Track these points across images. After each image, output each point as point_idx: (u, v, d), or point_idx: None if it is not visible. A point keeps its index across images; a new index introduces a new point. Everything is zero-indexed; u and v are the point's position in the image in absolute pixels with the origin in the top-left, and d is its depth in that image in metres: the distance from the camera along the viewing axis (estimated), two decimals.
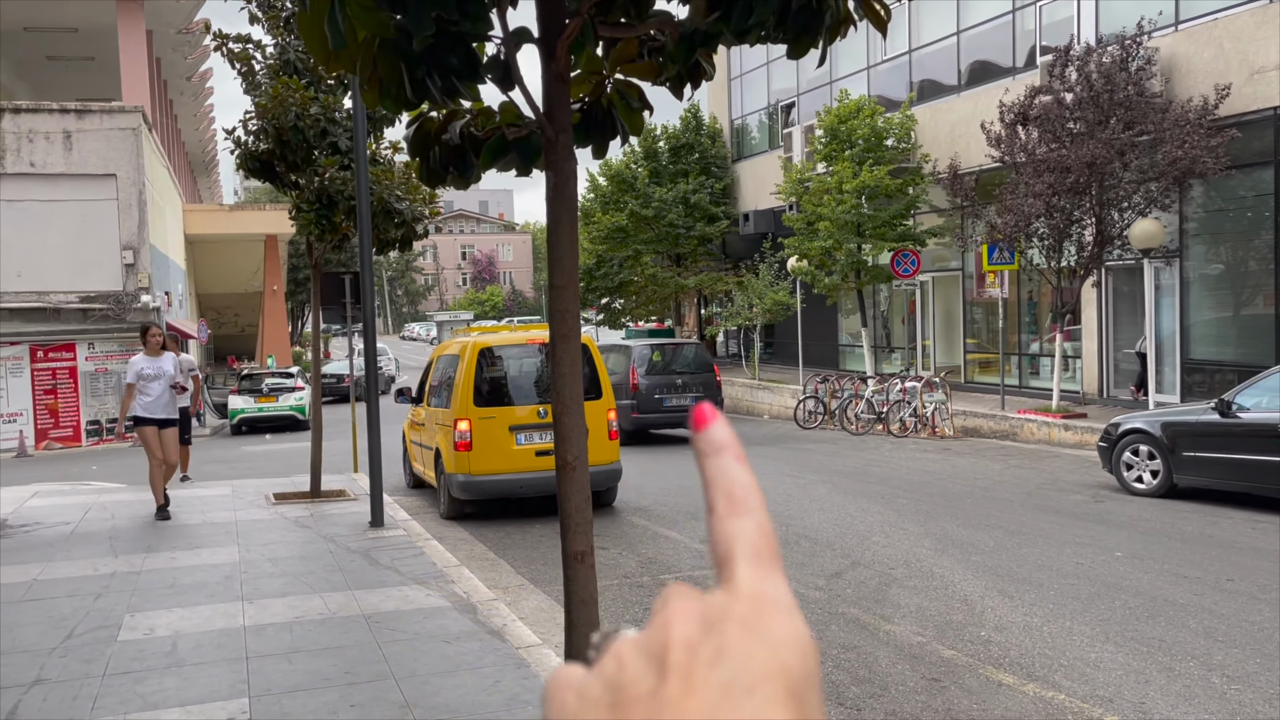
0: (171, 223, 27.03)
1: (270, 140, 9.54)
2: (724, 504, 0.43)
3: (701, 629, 0.38)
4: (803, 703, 0.37)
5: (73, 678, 5.21)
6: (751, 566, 0.41)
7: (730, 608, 0.39)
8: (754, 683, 0.37)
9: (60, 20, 24.20)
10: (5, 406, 20.59)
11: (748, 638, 0.38)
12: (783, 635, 0.38)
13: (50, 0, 22.76)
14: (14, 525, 9.45)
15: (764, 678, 0.37)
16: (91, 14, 23.68)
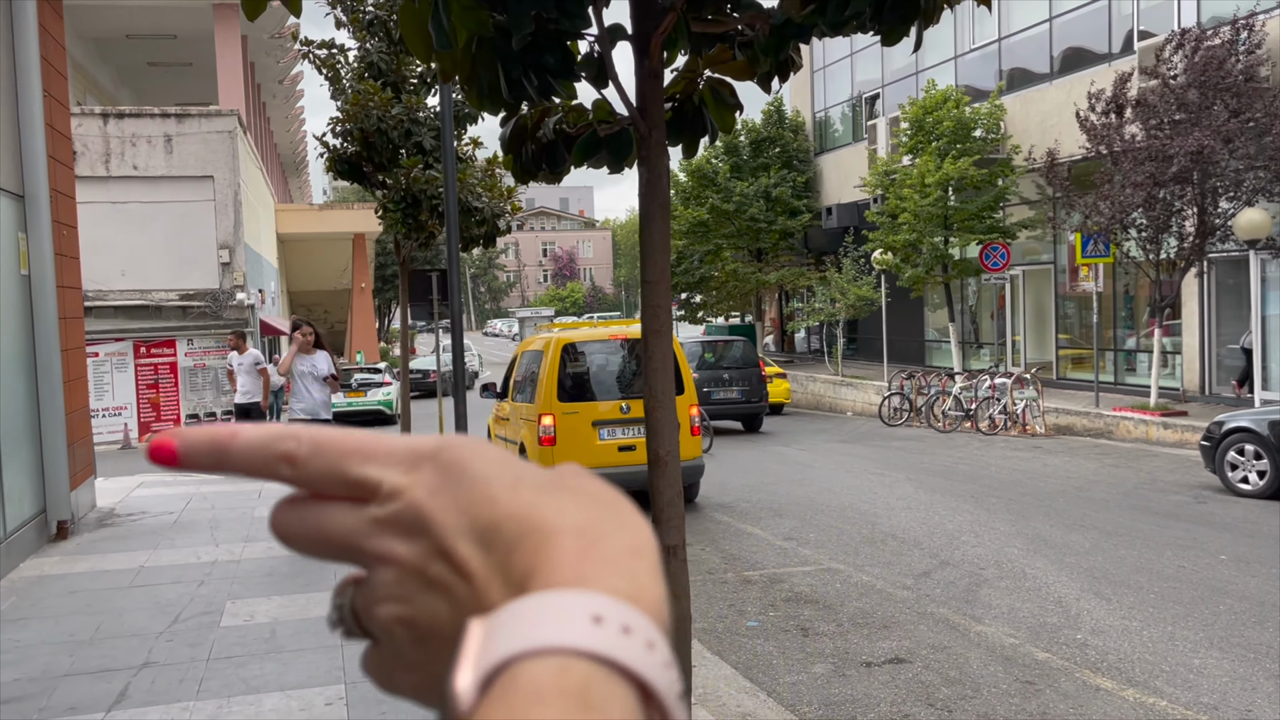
0: (264, 222, 27.86)
1: (357, 142, 9.76)
2: (285, 464, 0.45)
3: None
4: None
5: (179, 661, 5.41)
6: (367, 462, 0.43)
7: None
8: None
9: (160, 28, 25.12)
10: (111, 400, 21.47)
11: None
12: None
13: (151, 9, 23.64)
14: (121, 514, 9.86)
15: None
16: (190, 21, 24.53)
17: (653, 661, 0.35)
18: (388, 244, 44.67)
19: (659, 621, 0.37)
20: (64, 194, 9.24)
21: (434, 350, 34.42)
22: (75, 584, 7.11)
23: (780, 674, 5.63)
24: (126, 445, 21.05)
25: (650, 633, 0.36)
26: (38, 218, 8.32)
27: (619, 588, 0.37)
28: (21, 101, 8.14)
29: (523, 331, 52.75)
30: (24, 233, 8.24)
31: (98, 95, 26.94)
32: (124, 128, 21.48)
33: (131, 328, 21.64)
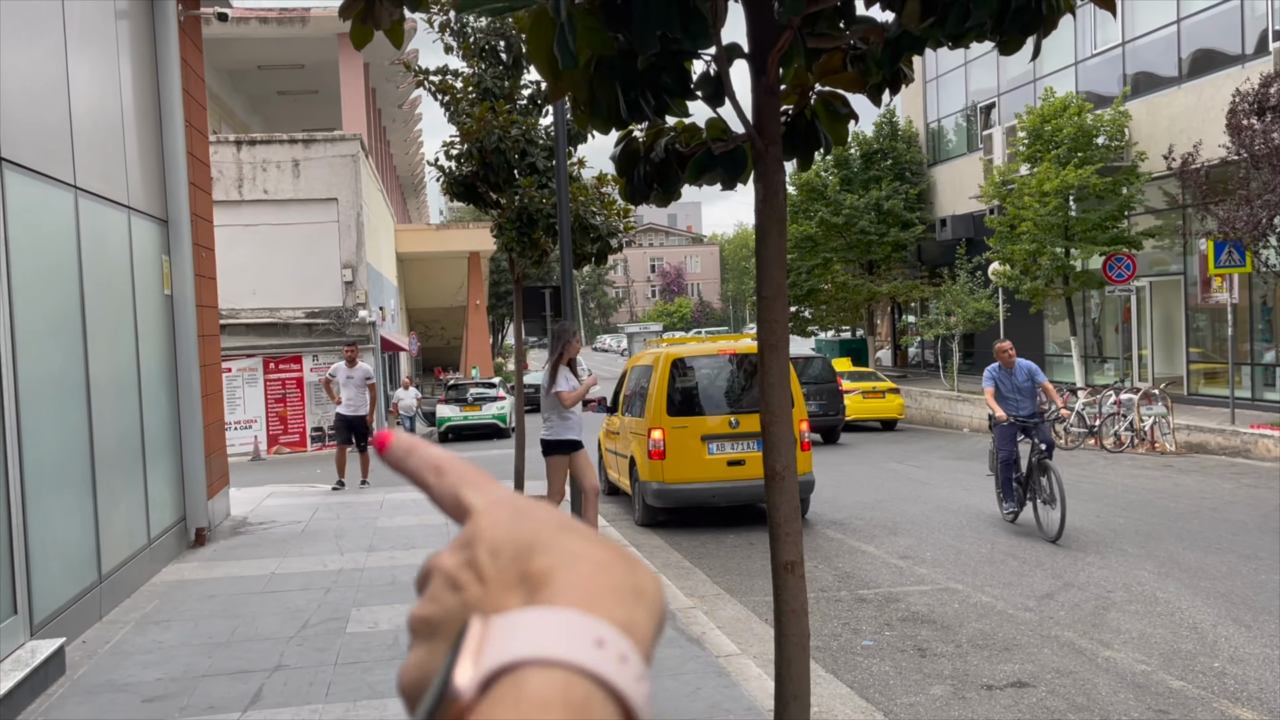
0: (385, 242, 28.83)
1: (474, 162, 10.04)
2: (433, 474, 0.51)
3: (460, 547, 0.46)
4: (570, 528, 0.46)
5: (308, 665, 5.64)
6: (474, 490, 0.49)
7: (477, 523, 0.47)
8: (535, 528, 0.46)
9: (289, 58, 26.33)
10: (242, 414, 22.49)
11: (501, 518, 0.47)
12: (525, 501, 0.48)
13: (281, 40, 24.81)
14: (253, 523, 10.32)
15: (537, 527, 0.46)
16: (316, 51, 25.65)
17: (641, 692, 0.39)
18: (501, 262, 45.64)
19: (646, 658, 0.41)
20: (203, 218, 9.77)
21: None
22: (213, 589, 7.48)
23: (897, 694, 5.53)
24: (256, 457, 22.00)
25: (640, 666, 0.40)
26: (179, 241, 8.83)
27: (619, 618, 0.41)
28: (165, 132, 8.65)
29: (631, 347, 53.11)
30: (167, 255, 8.74)
31: (231, 123, 28.37)
32: (255, 154, 22.57)
33: (261, 344, 22.65)
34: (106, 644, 6.14)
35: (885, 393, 21.83)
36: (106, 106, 7.36)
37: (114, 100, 7.53)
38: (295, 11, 24.19)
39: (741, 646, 6.06)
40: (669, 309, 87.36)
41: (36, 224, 5.97)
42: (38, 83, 6.12)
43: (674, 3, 2.61)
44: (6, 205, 5.54)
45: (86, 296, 6.75)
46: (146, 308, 8.12)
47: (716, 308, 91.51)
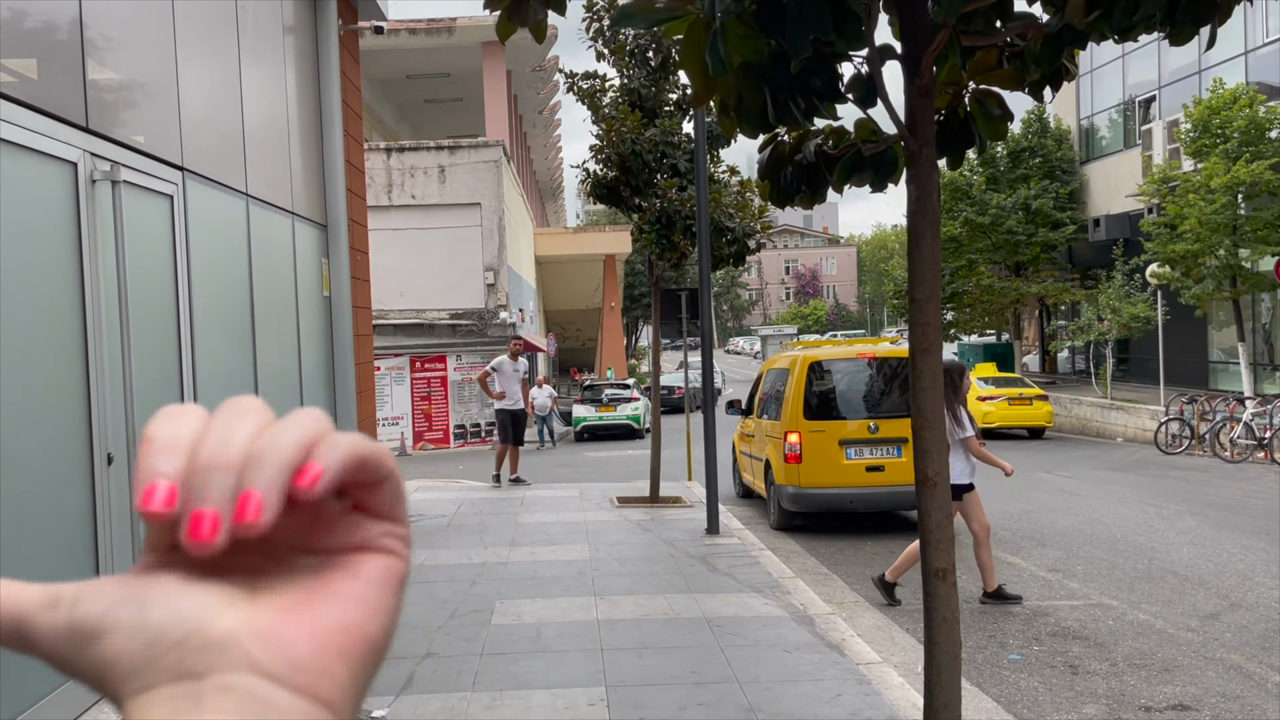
0: (525, 245, 29.52)
1: (615, 167, 10.19)
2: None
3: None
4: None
5: (456, 654, 5.84)
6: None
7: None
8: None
9: (436, 67, 27.27)
10: (390, 411, 23.42)
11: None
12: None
13: (429, 50, 25.73)
14: None
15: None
16: (462, 60, 26.49)
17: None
18: (636, 264, 46.11)
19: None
20: (358, 222, 10.23)
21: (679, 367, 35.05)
22: None
23: (1047, 712, 5.34)
24: (402, 452, 22.86)
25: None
26: (337, 244, 9.28)
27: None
28: (326, 141, 9.11)
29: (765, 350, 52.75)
30: (326, 258, 9.20)
31: (382, 131, 29.59)
32: (404, 160, 23.47)
33: (408, 344, 23.54)
34: None
35: (1032, 399, 21.02)
36: (274, 117, 7.81)
37: (281, 111, 7.98)
38: (442, 22, 25.04)
39: (883, 654, 5.96)
40: (803, 311, 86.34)
41: (213, 229, 6.39)
42: (215, 97, 6.54)
43: (827, 5, 2.61)
44: (188, 212, 5.95)
45: (255, 297, 7.17)
46: (307, 308, 8.56)
47: (853, 310, 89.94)
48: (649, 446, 11.84)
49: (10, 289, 4.05)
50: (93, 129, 4.80)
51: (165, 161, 5.67)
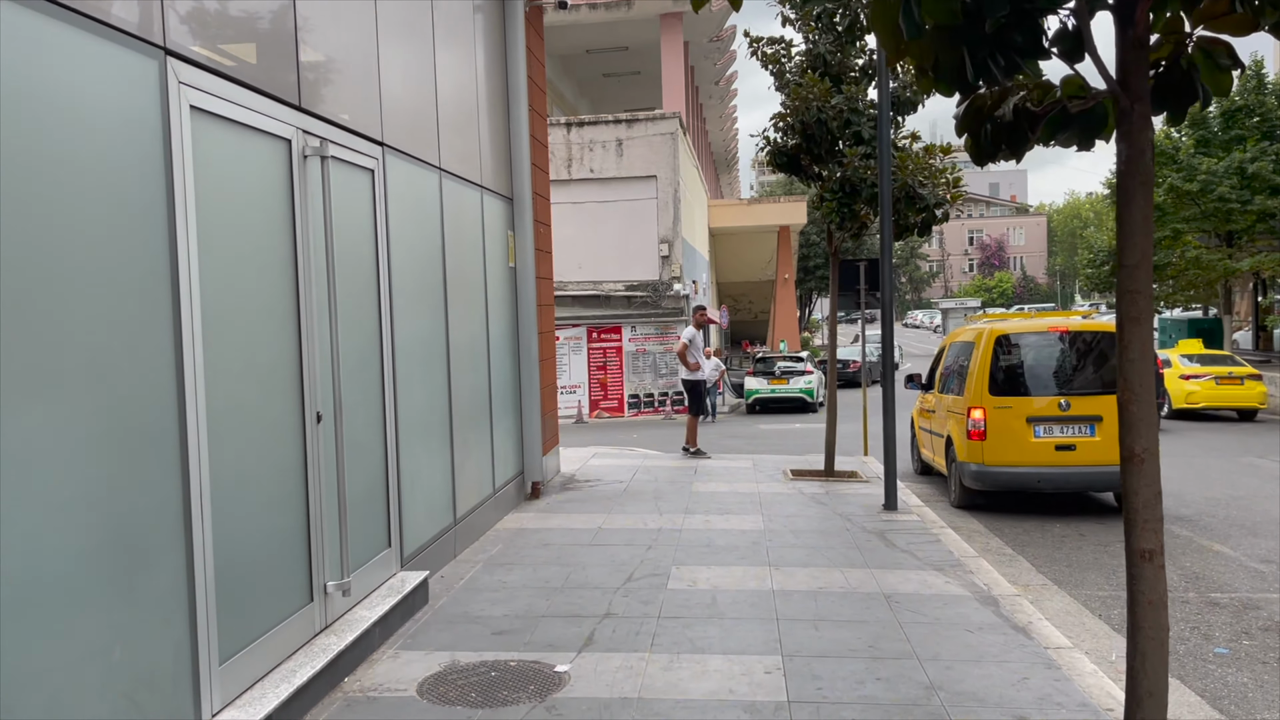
0: (698, 217, 29.57)
1: (797, 135, 10.04)
2: None
3: None
4: None
5: (634, 615, 5.98)
6: None
7: None
8: None
9: (614, 41, 27.57)
10: (567, 379, 24.06)
11: None
12: None
13: (608, 24, 26.03)
14: (580, 480, 11.05)
15: None
16: (639, 33, 26.68)
17: None
18: (811, 235, 45.40)
19: None
20: (541, 196, 10.52)
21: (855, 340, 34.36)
22: (547, 538, 8.11)
23: (1258, 709, 4.98)
24: (579, 420, 23.46)
25: None
26: (522, 217, 9.57)
27: None
28: (512, 116, 9.39)
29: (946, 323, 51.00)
30: (512, 230, 9.51)
31: (562, 106, 30.20)
32: (583, 135, 23.90)
33: (585, 315, 24.08)
34: (460, 580, 6.85)
35: (1244, 379, 19.45)
36: (464, 93, 8.10)
37: (470, 87, 8.28)
38: None
39: (1073, 639, 5.70)
40: (987, 284, 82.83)
41: (409, 202, 6.71)
42: (411, 75, 6.85)
43: None
44: (387, 185, 6.27)
45: (447, 267, 7.50)
46: (494, 279, 8.89)
47: (1041, 283, 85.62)
48: (822, 420, 11.71)
49: (237, 260, 4.39)
50: (304, 107, 5.12)
51: (367, 137, 5.99)
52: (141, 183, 3.70)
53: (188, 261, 3.96)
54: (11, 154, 3.04)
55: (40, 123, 3.18)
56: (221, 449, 4.20)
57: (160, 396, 3.77)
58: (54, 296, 3.21)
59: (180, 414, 3.89)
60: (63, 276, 3.25)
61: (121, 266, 3.56)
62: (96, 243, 3.42)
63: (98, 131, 3.45)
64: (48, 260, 3.18)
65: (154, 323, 3.74)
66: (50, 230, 3.20)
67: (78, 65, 3.36)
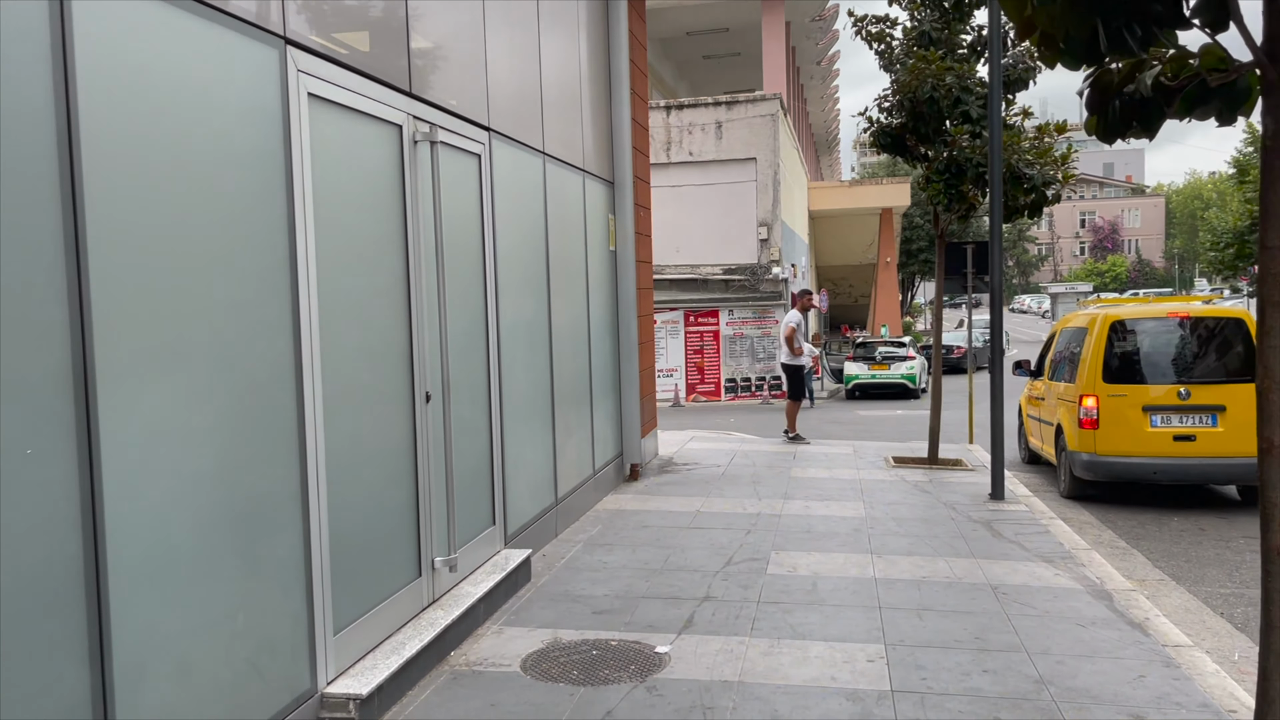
0: (798, 200, 29.21)
1: (904, 114, 9.81)
2: None
3: None
4: None
5: (733, 599, 5.97)
6: None
7: None
8: None
9: (714, 22, 27.37)
10: (664, 363, 24.10)
11: None
12: None
13: (708, 6, 25.85)
14: (678, 463, 11.07)
15: None
16: (740, 13, 26.43)
17: None
18: (915, 218, 44.41)
19: None
20: (642, 179, 10.52)
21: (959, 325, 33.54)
22: (646, 520, 8.15)
23: None
24: (676, 404, 23.49)
25: None
26: (623, 201, 9.59)
27: None
28: (614, 100, 9.40)
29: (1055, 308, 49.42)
30: (613, 214, 9.55)
31: (661, 89, 30.16)
32: (682, 118, 23.82)
33: (682, 299, 24.05)
34: (561, 559, 6.94)
35: None
36: (567, 78, 8.15)
37: (574, 72, 8.32)
38: None
39: (1193, 638, 5.48)
40: (1099, 268, 79.85)
41: (514, 187, 6.79)
42: (517, 60, 6.92)
43: None
44: (494, 170, 6.35)
45: (550, 252, 7.57)
46: (595, 262, 8.94)
47: (1158, 267, 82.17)
48: (924, 407, 11.47)
49: (351, 244, 4.50)
50: (415, 93, 5.22)
51: (475, 122, 6.07)
52: (263, 170, 3.83)
53: (305, 246, 4.08)
54: (145, 143, 3.17)
55: (171, 113, 3.30)
56: (336, 427, 4.33)
57: (280, 376, 3.90)
58: (185, 279, 3.34)
59: (298, 393, 4.02)
60: (193, 260, 3.39)
61: (245, 251, 3.69)
62: (222, 228, 3.55)
63: (223, 120, 3.58)
64: (179, 245, 3.32)
65: (275, 305, 3.87)
66: (181, 216, 3.33)
67: (205, 56, 3.48)
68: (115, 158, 3.01)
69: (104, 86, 2.97)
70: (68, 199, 2.81)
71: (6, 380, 2.59)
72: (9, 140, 2.62)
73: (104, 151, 2.96)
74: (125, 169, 3.05)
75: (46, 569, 2.72)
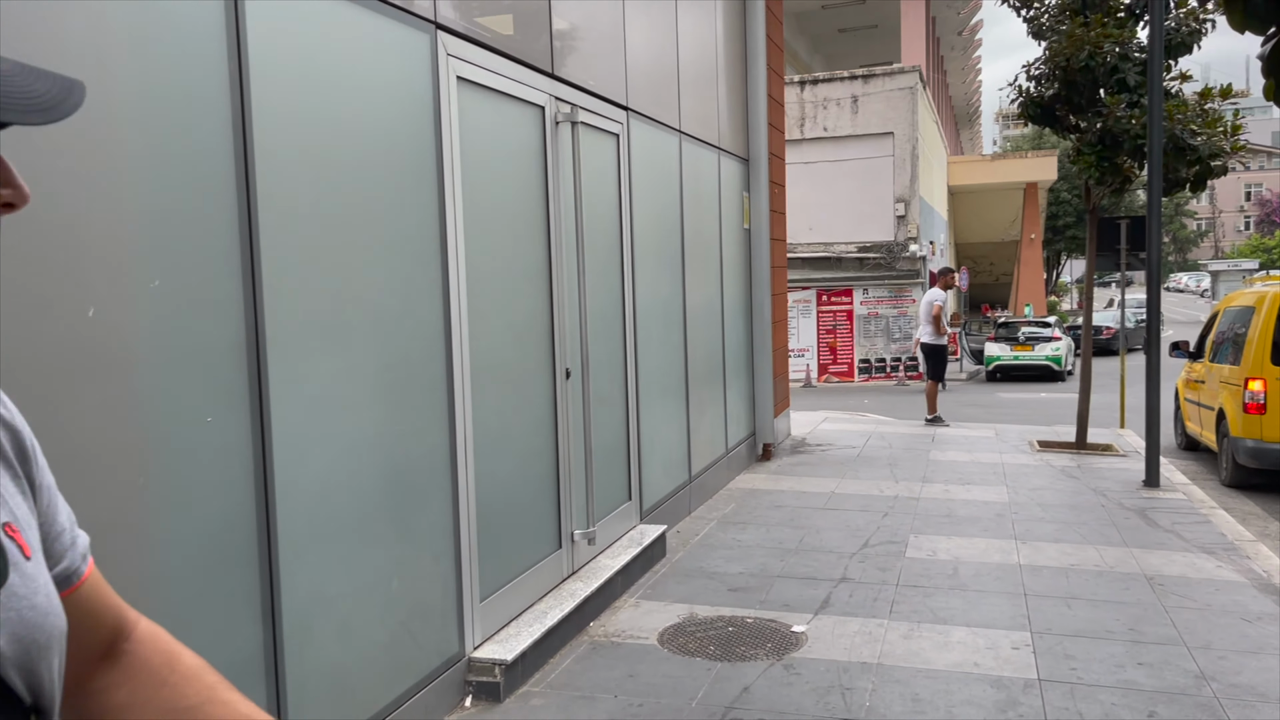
0: (937, 175, 28.35)
1: (1056, 83, 9.39)
2: None
3: None
4: None
5: (870, 581, 5.89)
6: None
7: None
8: None
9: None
10: (796, 343, 23.85)
11: None
12: None
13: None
14: (810, 444, 10.96)
15: None
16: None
17: None
18: (1061, 193, 42.51)
19: None
20: (777, 156, 10.40)
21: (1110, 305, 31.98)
22: (779, 500, 8.12)
23: None
24: (807, 384, 23.24)
25: None
26: (758, 178, 9.52)
27: None
28: (750, 77, 9.32)
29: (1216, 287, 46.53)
30: (747, 192, 9.48)
31: (795, 65, 29.70)
32: (817, 93, 23.41)
33: (815, 278, 23.71)
34: (696, 536, 6.99)
35: None
36: (704, 55, 8.12)
37: (710, 49, 8.28)
38: None
39: None
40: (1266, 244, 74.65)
41: (650, 166, 6.82)
42: (654, 39, 6.93)
43: None
44: (631, 149, 6.40)
45: (685, 230, 7.59)
46: (729, 240, 8.91)
47: None
48: (1069, 390, 11.01)
49: (496, 224, 4.62)
50: (557, 74, 5.30)
51: (614, 102, 6.13)
52: (416, 153, 3.96)
53: (454, 226, 4.21)
54: (309, 131, 3.32)
55: (332, 100, 3.45)
56: (482, 401, 4.46)
57: (431, 350, 4.05)
58: (346, 257, 3.50)
59: (448, 367, 4.17)
60: (353, 240, 3.54)
61: (400, 232, 3.83)
62: (380, 211, 3.70)
63: (379, 106, 3.72)
64: (340, 225, 3.47)
65: (427, 282, 4.01)
66: (342, 198, 3.49)
67: (363, 43, 3.62)
68: (282, 144, 3.17)
69: (272, 76, 3.13)
70: (241, 183, 2.98)
71: (190, 353, 2.78)
72: (195, 132, 2.79)
73: (272, 138, 3.12)
74: (291, 155, 3.21)
75: (226, 528, 2.91)
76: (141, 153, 2.62)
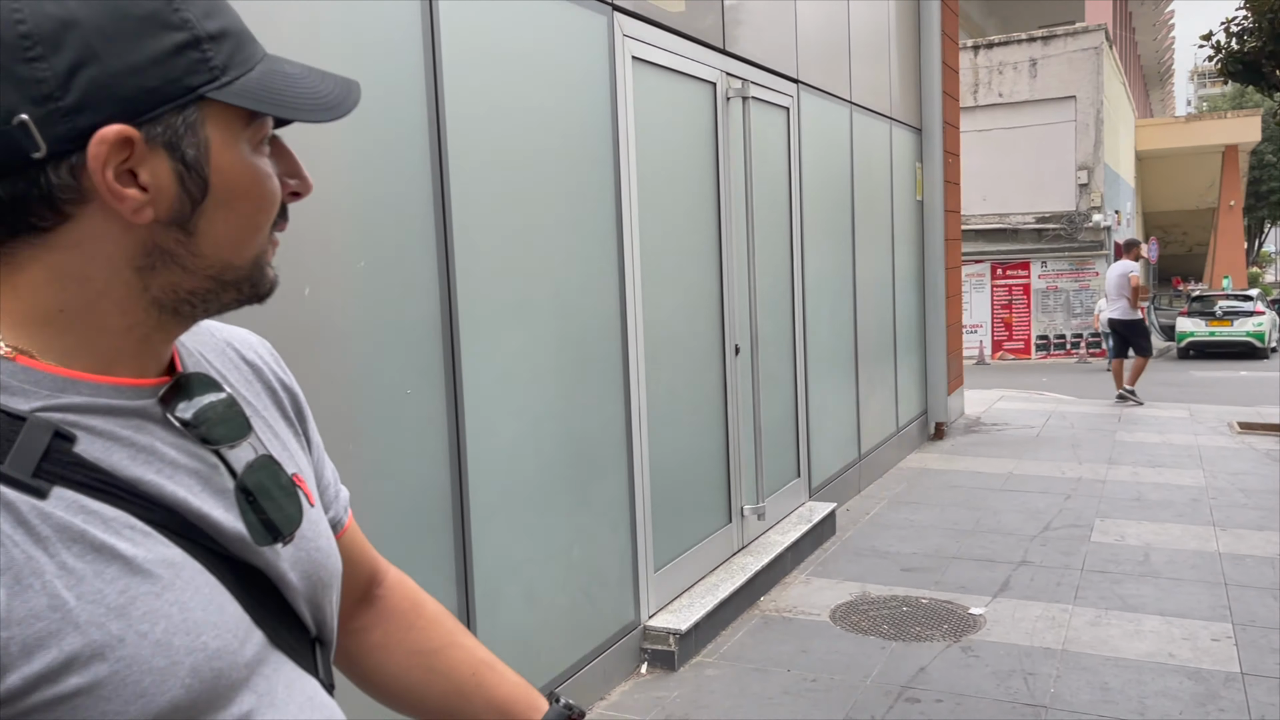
0: (1124, 140, 26.69)
1: (1262, 36, 8.68)
2: None
3: None
4: None
5: (1052, 565, 5.67)
6: None
7: None
8: None
9: None
10: (969, 318, 23.02)
11: None
12: None
13: None
14: (986, 423, 10.59)
15: None
16: None
17: None
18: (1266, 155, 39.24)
19: None
20: (951, 125, 10.05)
21: None
22: (953, 480, 7.90)
23: None
24: (981, 361, 22.42)
25: None
26: (931, 148, 9.23)
27: None
28: (923, 43, 9.03)
29: None
30: (920, 162, 9.21)
31: (968, 29, 28.50)
32: (991, 57, 22.42)
33: (989, 250, 22.80)
34: (866, 515, 6.90)
35: None
36: (875, 23, 7.92)
37: (882, 16, 8.07)
38: None
39: None
40: None
41: (820, 138, 6.73)
42: (825, 9, 6.81)
43: None
44: (801, 122, 6.33)
45: (855, 204, 7.45)
46: (901, 212, 8.69)
47: None
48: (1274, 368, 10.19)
49: (669, 202, 4.68)
50: (727, 50, 5.29)
51: (784, 75, 6.07)
52: (595, 135, 4.05)
53: (629, 204, 4.29)
54: (496, 117, 3.45)
55: (516, 86, 3.57)
56: (655, 376, 4.54)
57: (608, 327, 4.15)
58: (530, 238, 3.63)
59: (624, 343, 4.26)
60: (537, 221, 3.67)
61: (580, 212, 3.94)
62: (561, 192, 3.82)
63: (561, 89, 3.82)
64: (525, 208, 3.60)
65: (604, 261, 4.11)
66: (527, 181, 3.61)
67: (545, 27, 3.73)
68: (471, 131, 3.31)
69: (462, 65, 3.27)
70: (436, 169, 3.14)
71: (392, 330, 2.95)
72: (395, 123, 2.96)
73: (462, 125, 3.26)
74: (479, 141, 3.35)
75: (425, 495, 3.09)
76: (349, 141, 2.79)
